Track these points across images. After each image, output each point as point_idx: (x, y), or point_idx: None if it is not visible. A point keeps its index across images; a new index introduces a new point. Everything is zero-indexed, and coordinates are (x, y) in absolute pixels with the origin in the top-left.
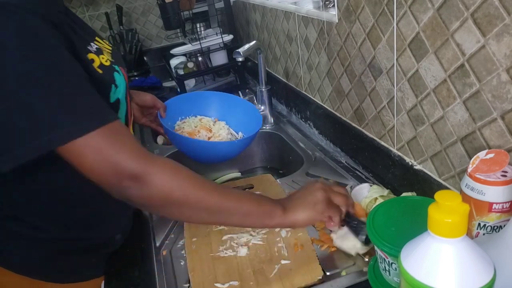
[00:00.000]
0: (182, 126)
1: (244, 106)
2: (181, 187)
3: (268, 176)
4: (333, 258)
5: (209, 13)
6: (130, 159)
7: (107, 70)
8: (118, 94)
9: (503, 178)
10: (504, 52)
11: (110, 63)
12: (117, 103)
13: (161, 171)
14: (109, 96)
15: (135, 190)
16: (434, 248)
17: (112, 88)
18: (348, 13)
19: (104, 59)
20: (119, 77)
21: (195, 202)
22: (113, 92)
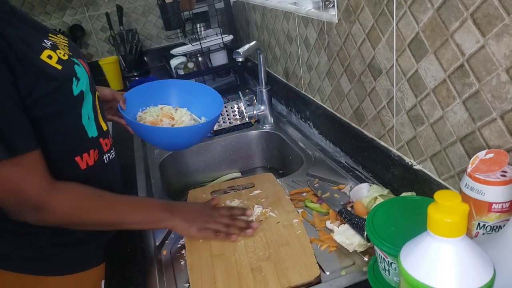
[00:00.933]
0: (143, 117)
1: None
2: (80, 213)
3: (268, 175)
4: (333, 257)
5: (209, 14)
6: (34, 191)
7: (66, 64)
8: (81, 86)
9: (502, 178)
10: (504, 52)
11: (68, 56)
12: (80, 95)
13: (62, 201)
14: (71, 90)
15: (34, 216)
16: (433, 248)
17: (74, 81)
18: (348, 13)
19: (62, 53)
20: (80, 69)
21: (91, 223)
22: (75, 85)
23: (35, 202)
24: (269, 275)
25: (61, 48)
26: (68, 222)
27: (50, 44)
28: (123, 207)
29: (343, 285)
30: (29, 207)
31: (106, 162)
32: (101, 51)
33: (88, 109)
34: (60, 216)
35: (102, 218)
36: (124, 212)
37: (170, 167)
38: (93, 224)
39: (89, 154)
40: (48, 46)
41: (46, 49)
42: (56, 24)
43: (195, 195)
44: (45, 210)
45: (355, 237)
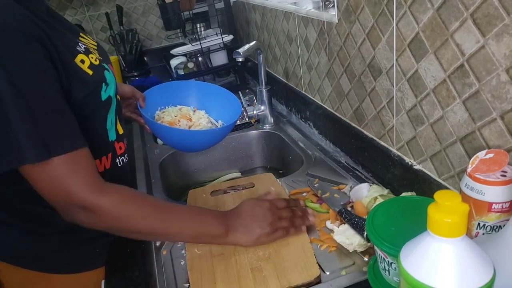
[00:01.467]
0: (161, 116)
1: (223, 95)
2: (127, 218)
3: (269, 175)
4: (333, 257)
5: (209, 14)
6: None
7: (97, 69)
8: (110, 92)
9: (502, 178)
10: (504, 52)
11: (99, 61)
12: (108, 100)
13: (110, 203)
14: (100, 95)
15: (83, 217)
16: (433, 248)
17: (103, 86)
18: (348, 13)
19: (94, 58)
20: (109, 75)
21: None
22: (103, 90)
23: (82, 202)
24: (269, 275)
25: (93, 52)
26: (116, 227)
27: (84, 48)
28: (175, 216)
29: (343, 285)
30: (77, 207)
31: (119, 165)
32: None
33: (112, 113)
34: (108, 219)
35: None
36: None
37: (170, 167)
38: (141, 232)
39: (107, 157)
40: (82, 50)
41: (80, 53)
42: None
43: (195, 195)
44: (93, 211)
45: (355, 237)
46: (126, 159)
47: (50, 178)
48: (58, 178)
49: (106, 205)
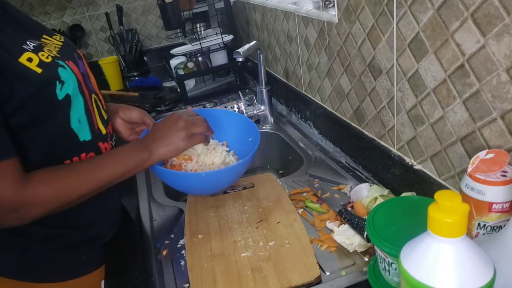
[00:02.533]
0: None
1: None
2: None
3: (269, 175)
4: (333, 258)
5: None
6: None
7: (47, 67)
8: (67, 90)
9: (503, 178)
10: (504, 52)
11: (52, 59)
12: (66, 99)
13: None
14: (55, 94)
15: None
16: (434, 248)
17: (57, 84)
18: (348, 13)
19: (45, 55)
20: (65, 72)
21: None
22: (59, 89)
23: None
24: (269, 275)
25: (47, 50)
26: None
27: (33, 46)
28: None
29: (343, 285)
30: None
31: None
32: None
33: (78, 112)
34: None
35: (84, 190)
36: (102, 174)
37: None
38: (77, 199)
39: (80, 157)
40: (30, 49)
41: (26, 52)
42: (56, 24)
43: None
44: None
45: (355, 237)
46: None
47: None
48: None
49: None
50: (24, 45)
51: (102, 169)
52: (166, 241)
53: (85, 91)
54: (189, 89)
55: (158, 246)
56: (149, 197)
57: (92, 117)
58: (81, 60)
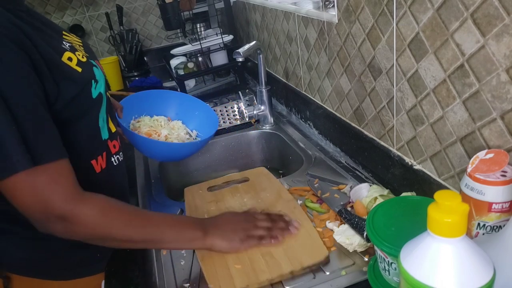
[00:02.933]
0: (136, 126)
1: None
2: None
3: (261, 169)
4: (333, 258)
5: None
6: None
7: (85, 66)
8: (100, 89)
9: (502, 178)
10: (504, 52)
11: (87, 58)
12: (99, 97)
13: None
14: (91, 92)
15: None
16: (433, 248)
17: (93, 83)
18: (348, 13)
19: (80, 55)
20: (98, 72)
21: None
22: (93, 87)
23: (61, 212)
24: (280, 259)
25: (79, 49)
26: (95, 235)
27: (69, 45)
28: (153, 223)
29: (343, 285)
30: (55, 217)
31: (115, 164)
32: (101, 51)
33: (103, 111)
34: (87, 228)
35: (132, 234)
36: (154, 230)
37: (170, 167)
38: (120, 240)
39: (102, 157)
40: (67, 48)
41: (66, 51)
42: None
43: (192, 192)
44: (71, 221)
45: (355, 237)
46: (121, 157)
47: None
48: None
49: (85, 214)
50: (62, 45)
51: (157, 226)
52: None
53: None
54: (189, 89)
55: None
56: (149, 197)
57: (108, 116)
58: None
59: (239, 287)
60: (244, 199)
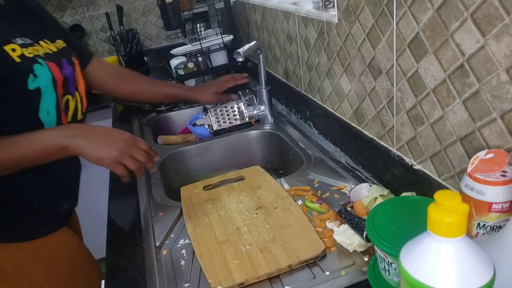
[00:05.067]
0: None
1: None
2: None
3: (257, 167)
4: (333, 258)
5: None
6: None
7: (26, 60)
8: (39, 83)
9: (502, 178)
10: (504, 52)
11: (34, 56)
12: (37, 91)
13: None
14: (26, 83)
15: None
16: (433, 248)
17: (31, 76)
18: (347, 13)
19: (28, 51)
20: (42, 69)
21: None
22: (31, 80)
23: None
24: (278, 254)
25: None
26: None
27: (21, 43)
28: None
29: (343, 285)
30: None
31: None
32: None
33: (49, 105)
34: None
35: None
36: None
37: (170, 167)
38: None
39: None
40: (18, 43)
41: (13, 44)
42: None
43: (188, 190)
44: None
45: (355, 237)
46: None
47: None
48: None
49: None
50: (15, 39)
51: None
52: (166, 241)
53: (60, 91)
54: None
55: (158, 246)
56: (149, 197)
57: (61, 114)
58: (71, 66)
59: (238, 281)
60: (240, 197)
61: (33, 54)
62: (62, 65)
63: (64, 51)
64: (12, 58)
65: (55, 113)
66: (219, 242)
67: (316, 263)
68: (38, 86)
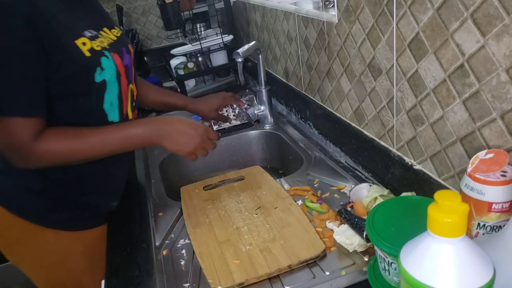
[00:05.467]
0: None
1: None
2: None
3: (257, 167)
4: (333, 257)
5: (209, 14)
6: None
7: (95, 54)
8: (105, 76)
9: (502, 178)
10: (504, 52)
11: (101, 48)
12: (102, 83)
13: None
14: (94, 76)
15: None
16: (433, 248)
17: (98, 70)
18: (348, 13)
19: (96, 44)
20: (107, 62)
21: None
22: (98, 73)
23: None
24: (278, 254)
25: (100, 41)
26: (56, 164)
27: (90, 35)
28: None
29: (343, 285)
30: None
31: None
32: None
33: (112, 96)
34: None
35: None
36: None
37: (170, 167)
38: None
39: None
40: (87, 36)
41: (83, 37)
42: None
43: (188, 190)
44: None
45: (355, 237)
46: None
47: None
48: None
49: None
50: (85, 31)
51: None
52: (166, 241)
53: (123, 80)
54: (189, 89)
55: (158, 246)
56: (149, 197)
57: (123, 103)
58: (129, 54)
59: (238, 281)
60: (240, 197)
61: (100, 47)
62: (123, 55)
63: (122, 39)
64: (83, 53)
65: (117, 103)
66: (219, 242)
67: (316, 263)
68: (104, 79)
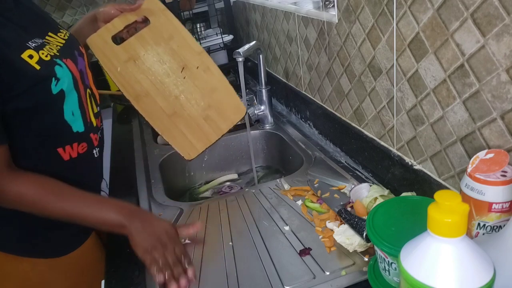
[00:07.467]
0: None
1: None
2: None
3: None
4: (333, 257)
5: (209, 13)
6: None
7: (45, 64)
8: (62, 86)
9: (502, 178)
10: (504, 52)
11: (51, 57)
12: (60, 94)
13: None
14: (50, 89)
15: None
16: (433, 248)
17: (53, 80)
18: (348, 13)
19: (45, 54)
20: (62, 70)
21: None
22: (54, 84)
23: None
24: (217, 121)
25: (48, 49)
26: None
27: (34, 45)
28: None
29: (343, 285)
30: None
31: (96, 156)
32: None
33: (72, 105)
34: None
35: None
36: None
37: (170, 167)
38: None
39: (72, 147)
40: (32, 47)
41: (28, 49)
42: None
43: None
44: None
45: (355, 237)
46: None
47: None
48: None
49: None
50: (28, 43)
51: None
52: None
53: (81, 86)
54: None
55: None
56: (149, 197)
57: (85, 111)
58: (81, 57)
59: (201, 150)
60: (158, 54)
61: (49, 56)
62: (76, 59)
63: (71, 41)
64: (33, 67)
65: (79, 112)
66: (168, 116)
67: (316, 263)
68: (61, 89)
